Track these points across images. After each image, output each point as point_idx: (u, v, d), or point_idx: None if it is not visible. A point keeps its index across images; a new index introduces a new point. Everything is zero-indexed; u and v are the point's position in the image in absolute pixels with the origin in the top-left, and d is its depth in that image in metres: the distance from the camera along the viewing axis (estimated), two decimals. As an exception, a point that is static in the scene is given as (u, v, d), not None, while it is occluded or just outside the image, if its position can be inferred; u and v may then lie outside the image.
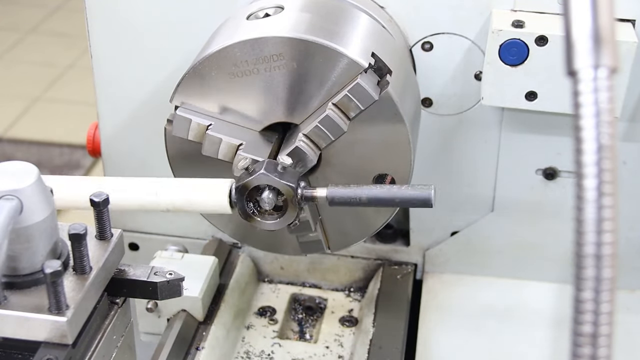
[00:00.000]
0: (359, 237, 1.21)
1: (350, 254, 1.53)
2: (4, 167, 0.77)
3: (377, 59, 1.08)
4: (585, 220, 0.60)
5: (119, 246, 0.85)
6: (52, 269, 0.71)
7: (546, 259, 1.47)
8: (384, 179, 1.13)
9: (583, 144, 0.60)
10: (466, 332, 1.41)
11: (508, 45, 1.22)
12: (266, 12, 1.14)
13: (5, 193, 0.74)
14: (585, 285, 0.60)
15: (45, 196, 0.77)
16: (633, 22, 1.24)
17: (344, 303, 1.51)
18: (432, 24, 1.30)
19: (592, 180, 0.60)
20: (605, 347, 0.60)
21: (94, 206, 0.83)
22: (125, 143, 1.45)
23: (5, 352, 0.77)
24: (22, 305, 0.75)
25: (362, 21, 1.19)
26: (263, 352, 1.39)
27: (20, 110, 3.90)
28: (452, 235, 1.49)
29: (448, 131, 1.38)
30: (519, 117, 1.34)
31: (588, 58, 0.61)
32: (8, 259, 0.75)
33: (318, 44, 1.06)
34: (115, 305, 0.85)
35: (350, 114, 1.08)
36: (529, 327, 1.41)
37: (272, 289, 1.54)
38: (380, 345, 1.32)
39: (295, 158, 1.08)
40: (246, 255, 1.53)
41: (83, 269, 0.79)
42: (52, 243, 0.79)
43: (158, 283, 0.86)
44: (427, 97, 1.35)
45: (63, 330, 0.74)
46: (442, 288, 1.49)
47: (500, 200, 1.43)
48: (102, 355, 0.82)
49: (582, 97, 0.60)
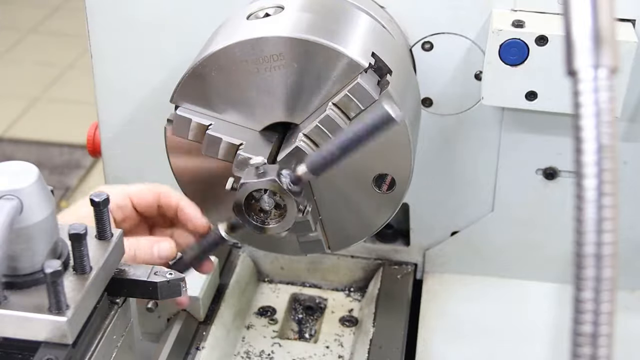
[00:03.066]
0: (359, 237, 1.21)
1: (350, 254, 1.53)
2: (4, 167, 0.77)
3: (377, 59, 1.08)
4: (585, 220, 0.60)
5: (119, 246, 0.85)
6: (52, 269, 0.71)
7: (546, 259, 1.46)
8: (384, 179, 1.13)
9: (583, 143, 0.60)
10: (466, 332, 1.41)
11: (508, 45, 1.22)
12: (266, 12, 1.14)
13: (5, 193, 0.74)
14: (585, 285, 0.60)
15: (45, 196, 0.77)
16: (633, 22, 1.24)
17: (344, 303, 1.51)
18: (432, 24, 1.30)
19: (592, 180, 0.60)
20: (605, 347, 0.60)
21: (94, 206, 0.83)
22: (125, 143, 1.45)
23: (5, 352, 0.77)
24: (22, 305, 0.75)
25: (362, 21, 1.19)
26: (263, 352, 1.39)
27: (20, 110, 3.90)
28: (452, 235, 1.49)
29: (448, 131, 1.38)
30: (519, 117, 1.34)
31: (588, 58, 0.61)
32: (8, 259, 0.75)
33: (318, 44, 1.06)
34: (115, 305, 0.85)
35: (350, 114, 1.08)
36: (529, 327, 1.41)
37: (272, 289, 1.54)
38: (380, 345, 1.32)
39: (296, 158, 1.08)
40: (246, 255, 1.53)
41: (83, 269, 0.79)
42: (52, 243, 0.79)
43: (158, 283, 0.86)
44: (427, 97, 1.35)
45: (63, 330, 0.74)
46: (442, 288, 1.49)
47: (500, 200, 1.43)
48: (102, 355, 0.82)
49: (582, 97, 0.60)
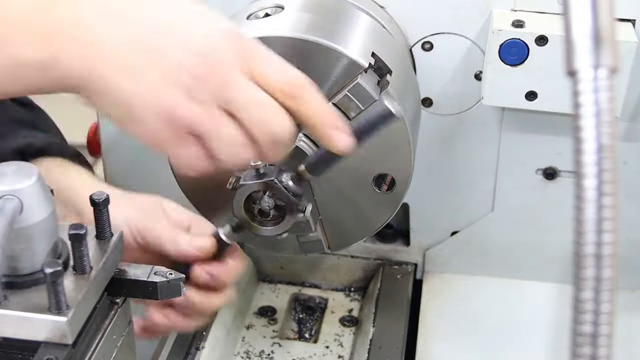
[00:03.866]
0: (359, 237, 1.21)
1: (350, 254, 1.53)
2: (4, 167, 0.77)
3: (377, 59, 1.08)
4: (585, 220, 0.60)
5: (119, 246, 0.85)
6: (52, 269, 0.71)
7: (546, 259, 1.46)
8: (384, 179, 1.13)
9: (583, 144, 0.60)
10: (466, 332, 1.41)
11: (508, 45, 1.22)
12: (266, 12, 1.14)
13: (5, 193, 0.74)
14: (585, 285, 0.60)
15: (45, 196, 0.77)
16: (633, 22, 1.24)
17: (344, 303, 1.51)
18: (432, 24, 1.30)
19: (592, 180, 0.60)
20: (605, 347, 0.60)
21: (94, 206, 0.83)
22: (125, 143, 1.45)
23: (5, 352, 0.77)
24: (22, 305, 0.75)
25: (362, 21, 1.19)
26: (263, 352, 1.39)
27: (20, 110, 3.89)
28: (452, 235, 1.49)
29: (448, 131, 1.38)
30: (519, 117, 1.34)
31: (588, 58, 0.61)
32: (8, 259, 0.75)
33: (318, 44, 1.06)
34: (115, 305, 0.85)
35: (350, 114, 1.08)
36: (529, 327, 1.41)
37: (272, 289, 1.54)
38: (380, 345, 1.32)
39: (296, 158, 1.08)
40: (246, 255, 1.53)
41: (83, 269, 0.79)
42: (52, 243, 0.78)
43: (158, 283, 0.85)
44: (427, 97, 1.35)
45: (63, 330, 0.74)
46: (443, 288, 1.49)
47: (500, 200, 1.43)
48: (102, 355, 0.82)
49: (582, 97, 0.60)
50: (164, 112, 0.78)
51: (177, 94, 0.78)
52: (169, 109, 0.78)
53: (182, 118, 0.79)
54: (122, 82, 0.78)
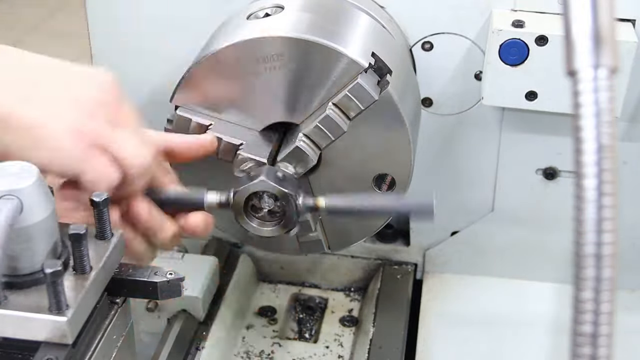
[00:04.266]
0: (359, 237, 1.21)
1: (350, 254, 1.53)
2: (4, 167, 0.77)
3: (377, 59, 1.08)
4: (585, 220, 0.60)
5: (119, 246, 0.85)
6: (52, 269, 0.71)
7: (546, 259, 1.46)
8: (384, 179, 1.13)
9: (583, 144, 0.60)
10: (466, 332, 1.41)
11: (508, 45, 1.22)
12: (266, 12, 1.14)
13: (5, 193, 0.74)
14: (585, 285, 0.60)
15: (45, 196, 0.77)
16: (633, 22, 1.24)
17: (344, 303, 1.51)
18: (432, 24, 1.30)
19: (592, 180, 0.60)
20: (605, 347, 0.60)
21: (94, 206, 0.82)
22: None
23: (5, 352, 0.77)
24: (22, 305, 0.75)
25: (362, 21, 1.19)
26: (263, 352, 1.39)
27: (20, 110, 3.88)
28: (452, 235, 1.49)
29: (448, 131, 1.38)
30: (519, 117, 1.34)
31: (588, 58, 0.61)
32: (8, 259, 0.75)
33: (318, 44, 1.06)
34: (115, 305, 0.85)
35: (350, 114, 1.08)
36: (529, 327, 1.41)
37: (272, 289, 1.54)
38: (380, 345, 1.32)
39: (296, 158, 1.08)
40: (246, 255, 1.53)
41: (83, 269, 0.79)
42: (52, 243, 0.78)
43: (158, 283, 0.85)
44: (427, 97, 1.35)
45: (63, 330, 0.74)
46: (442, 288, 1.49)
47: (500, 200, 1.43)
48: (102, 355, 0.82)
49: (582, 97, 0.60)
50: (73, 128, 0.88)
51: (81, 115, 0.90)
52: (78, 125, 0.89)
53: (90, 131, 0.89)
54: (26, 109, 0.87)
